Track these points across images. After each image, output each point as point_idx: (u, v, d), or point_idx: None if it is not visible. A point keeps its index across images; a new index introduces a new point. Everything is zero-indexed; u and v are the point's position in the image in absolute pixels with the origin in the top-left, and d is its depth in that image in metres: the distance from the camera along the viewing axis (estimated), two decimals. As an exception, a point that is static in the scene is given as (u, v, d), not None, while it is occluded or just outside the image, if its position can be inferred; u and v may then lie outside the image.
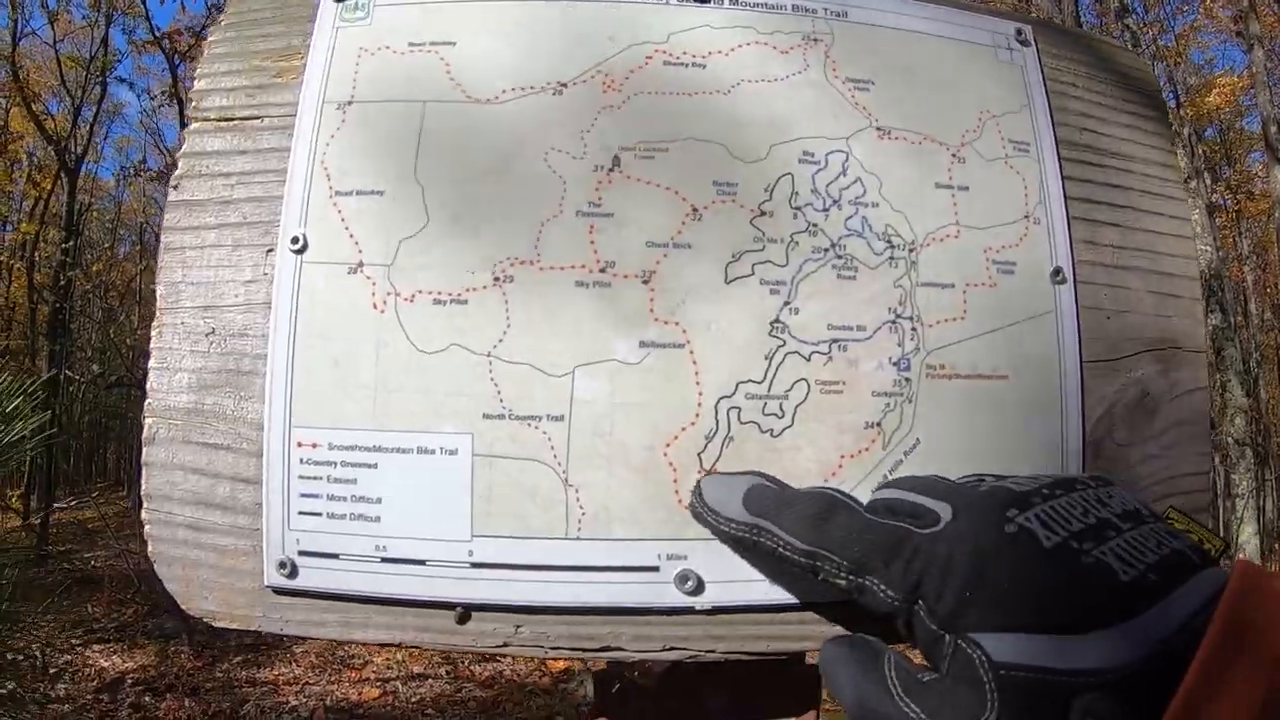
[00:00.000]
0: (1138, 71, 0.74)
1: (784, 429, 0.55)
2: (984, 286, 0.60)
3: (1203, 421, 0.72)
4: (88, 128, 11.13)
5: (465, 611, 0.54)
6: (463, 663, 7.01)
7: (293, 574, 0.56)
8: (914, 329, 0.58)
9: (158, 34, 9.66)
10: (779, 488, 0.50)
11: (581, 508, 0.54)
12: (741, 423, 0.55)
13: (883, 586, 0.43)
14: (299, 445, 0.56)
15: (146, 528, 0.61)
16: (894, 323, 0.58)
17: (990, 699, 0.38)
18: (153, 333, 0.62)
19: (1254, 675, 0.34)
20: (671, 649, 0.54)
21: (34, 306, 11.64)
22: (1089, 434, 0.63)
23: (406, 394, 0.55)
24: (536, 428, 0.54)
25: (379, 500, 0.55)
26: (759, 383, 0.55)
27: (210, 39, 0.68)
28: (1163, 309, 0.70)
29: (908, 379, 0.57)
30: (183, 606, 0.61)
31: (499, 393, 0.55)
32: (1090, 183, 0.68)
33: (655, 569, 0.53)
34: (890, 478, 0.55)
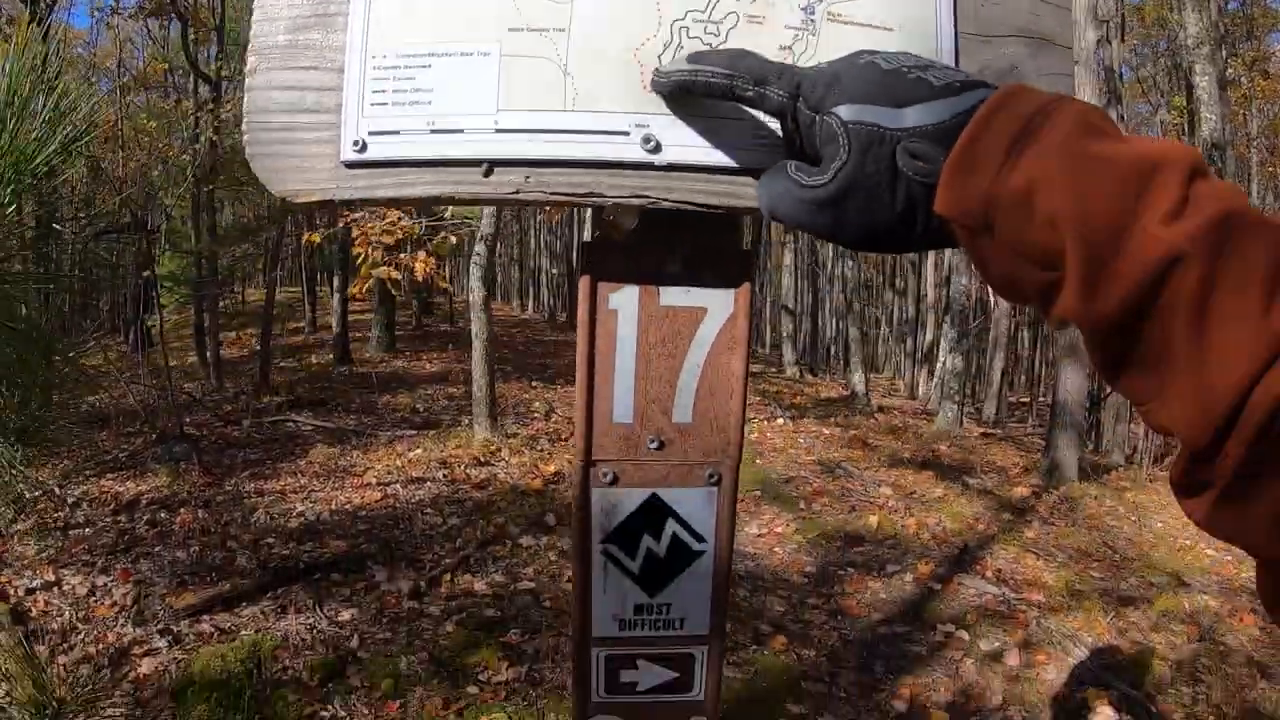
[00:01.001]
0: None
1: (720, 44, 0.77)
2: (874, -38, 0.81)
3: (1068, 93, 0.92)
4: (57, -31, 10.95)
5: (490, 166, 0.77)
6: (458, 467, 7.36)
7: (363, 149, 0.79)
8: (818, -16, 0.79)
9: None
10: (713, 49, 0.73)
11: (575, 90, 0.76)
12: (689, 38, 0.77)
13: (776, 90, 0.65)
14: (373, 57, 0.79)
15: (246, 136, 0.82)
16: (804, -21, 0.79)
17: (844, 144, 0.60)
18: (256, -6, 0.84)
19: (1012, 115, 0.54)
20: (637, 196, 0.78)
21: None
22: (961, 93, 0.84)
23: (454, 16, 0.77)
24: (546, 36, 0.76)
25: (431, 90, 0.77)
26: (702, 12, 0.77)
27: None
28: (1036, 9, 0.90)
29: (813, 20, 0.79)
30: (272, 190, 0.83)
31: (520, 12, 0.77)
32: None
33: (626, 133, 0.76)
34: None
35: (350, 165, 0.80)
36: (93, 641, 4.06)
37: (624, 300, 0.85)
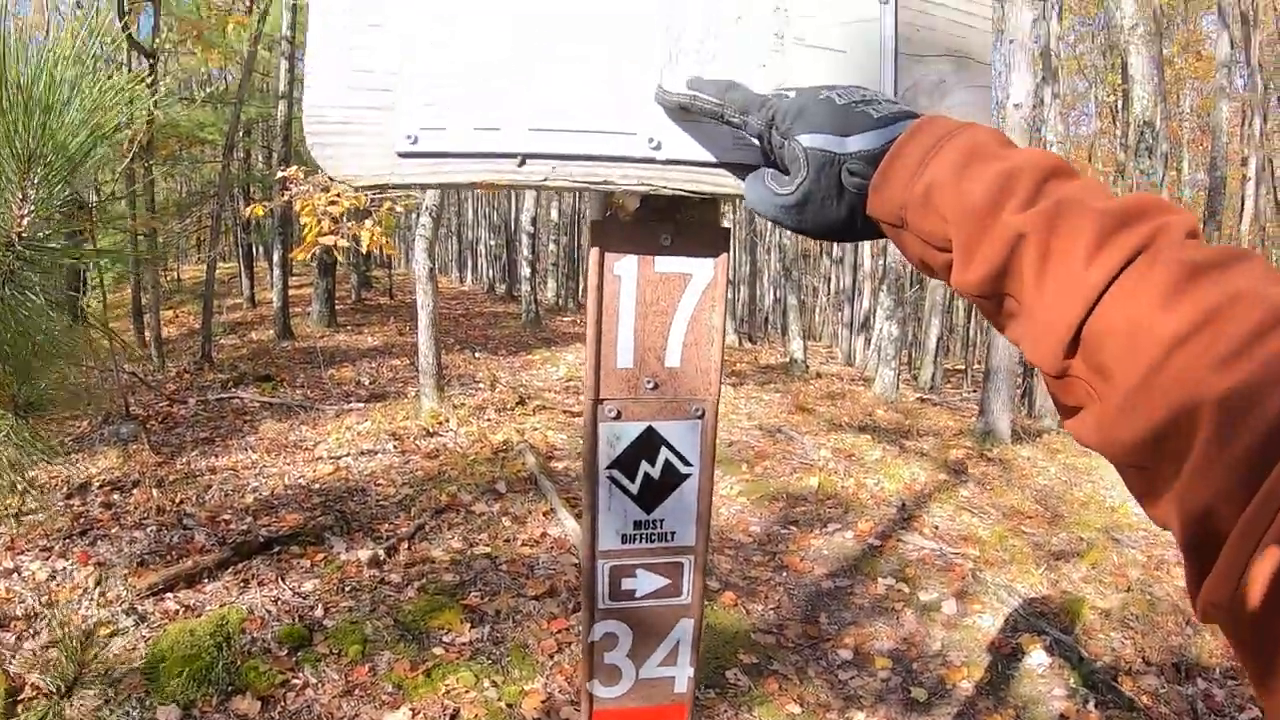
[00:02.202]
0: None
1: (712, 63, 0.96)
2: (831, -6, 1.00)
3: (985, 101, 1.13)
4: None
5: (523, 159, 0.95)
6: (408, 438, 7.43)
7: (416, 142, 0.95)
8: (786, 15, 0.98)
9: None
10: (707, 79, 0.92)
11: (597, 100, 0.95)
12: (684, 53, 0.95)
13: (756, 119, 0.85)
14: (420, 75, 0.95)
15: (308, 126, 0.94)
16: (776, 10, 0.98)
17: (804, 164, 0.80)
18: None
19: (920, 143, 0.74)
20: (642, 184, 0.97)
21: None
22: (901, 99, 1.04)
23: (496, 38, 0.94)
24: (570, 65, 0.94)
25: (477, 94, 0.94)
26: (697, 43, 0.96)
27: None
28: (961, 32, 1.10)
29: (782, 43, 0.98)
30: (331, 174, 0.95)
31: (547, 45, 0.94)
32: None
33: (634, 134, 0.95)
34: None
35: (404, 155, 0.96)
36: (59, 625, 4.07)
37: (626, 268, 1.04)
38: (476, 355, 12.24)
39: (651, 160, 0.96)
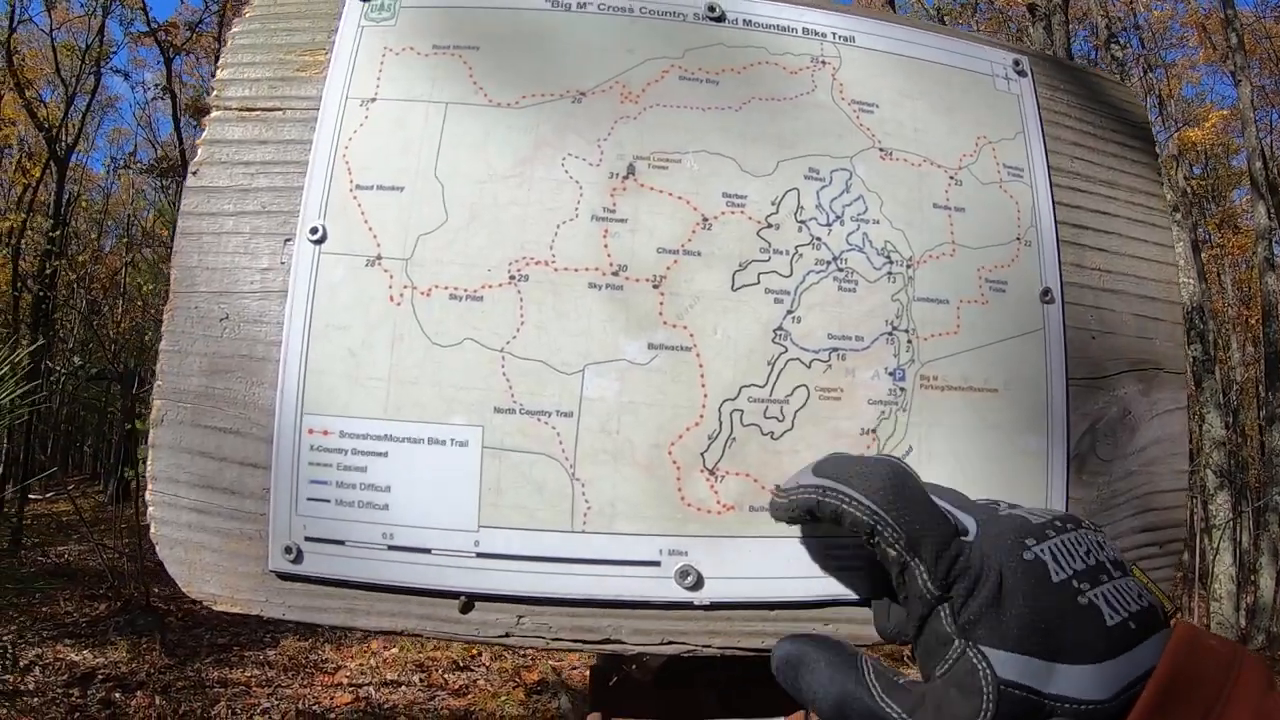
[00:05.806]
0: (1128, 104, 0.77)
1: (784, 432, 0.57)
2: (977, 303, 0.63)
3: (1181, 440, 0.74)
4: (80, 117, 11.13)
5: (469, 601, 0.56)
6: (435, 670, 6.93)
7: (298, 559, 0.57)
8: (909, 341, 0.60)
9: (154, 26, 9.66)
10: (852, 456, 0.53)
11: (587, 502, 0.56)
12: (744, 425, 0.57)
13: (925, 576, 0.46)
14: (310, 432, 0.58)
15: (150, 509, 0.61)
16: (890, 334, 0.60)
17: (985, 708, 0.42)
18: (165, 316, 0.63)
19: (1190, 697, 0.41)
20: (670, 643, 0.56)
21: (17, 295, 11.41)
22: (1073, 449, 0.66)
23: (420, 386, 0.57)
24: (546, 423, 0.56)
25: (388, 489, 0.56)
26: (761, 387, 0.58)
27: (235, 29, 0.70)
28: (1145, 331, 0.73)
29: (902, 388, 0.60)
30: (184, 589, 0.61)
31: (510, 388, 0.56)
32: (1079, 209, 0.71)
33: (657, 564, 0.55)
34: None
35: (283, 576, 0.58)
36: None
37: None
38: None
39: (687, 605, 0.56)
